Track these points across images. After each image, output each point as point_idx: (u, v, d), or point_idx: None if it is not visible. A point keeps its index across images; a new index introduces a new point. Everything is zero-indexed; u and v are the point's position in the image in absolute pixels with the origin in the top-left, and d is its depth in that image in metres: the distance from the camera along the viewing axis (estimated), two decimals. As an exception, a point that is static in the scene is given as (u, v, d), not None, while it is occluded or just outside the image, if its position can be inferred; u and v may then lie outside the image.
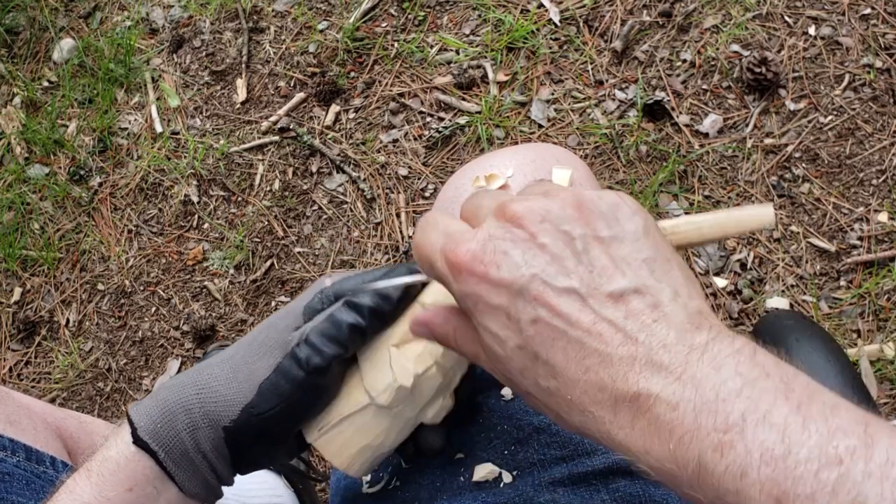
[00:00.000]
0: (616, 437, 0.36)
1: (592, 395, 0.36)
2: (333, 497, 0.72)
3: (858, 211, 1.24)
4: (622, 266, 0.37)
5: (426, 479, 0.65)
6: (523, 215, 0.39)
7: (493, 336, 0.39)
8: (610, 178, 1.32)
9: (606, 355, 0.36)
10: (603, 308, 0.37)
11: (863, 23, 1.33)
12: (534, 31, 1.41)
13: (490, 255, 0.39)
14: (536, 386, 0.39)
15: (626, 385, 0.35)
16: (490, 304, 0.39)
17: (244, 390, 0.47)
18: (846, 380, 1.05)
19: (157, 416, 0.48)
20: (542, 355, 0.38)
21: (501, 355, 0.40)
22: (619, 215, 0.39)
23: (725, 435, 0.32)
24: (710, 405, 0.32)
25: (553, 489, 0.60)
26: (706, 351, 0.34)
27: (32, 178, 1.51)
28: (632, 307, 0.36)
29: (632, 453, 0.35)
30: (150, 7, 1.60)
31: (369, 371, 0.50)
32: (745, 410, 0.32)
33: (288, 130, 1.45)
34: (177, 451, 0.47)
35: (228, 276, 1.39)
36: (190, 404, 0.48)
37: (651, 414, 0.34)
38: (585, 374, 0.36)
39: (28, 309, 1.44)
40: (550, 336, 0.37)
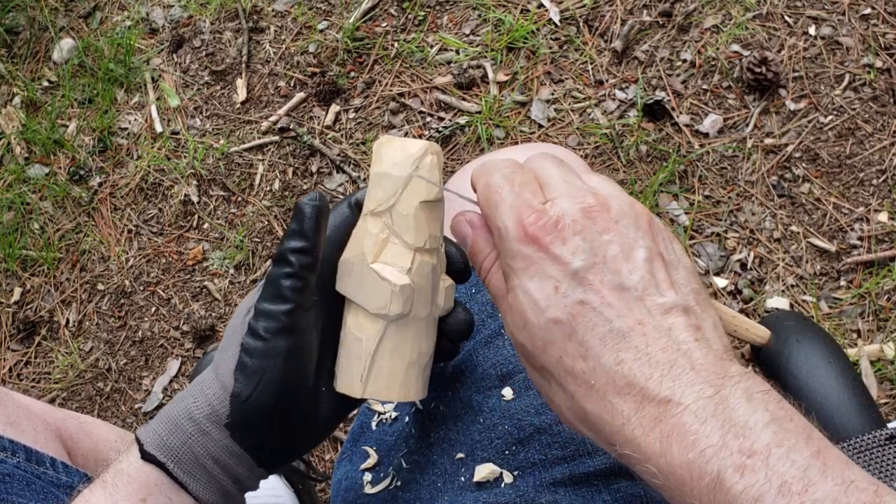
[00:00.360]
0: (630, 433, 0.36)
1: (619, 387, 0.37)
2: (334, 497, 0.72)
3: (859, 211, 1.24)
4: (675, 285, 0.40)
5: (427, 479, 0.65)
6: (601, 210, 0.41)
7: (531, 301, 0.41)
8: (610, 177, 1.31)
9: (645, 354, 0.37)
10: (652, 313, 0.39)
11: (863, 22, 1.33)
12: (534, 31, 1.41)
13: (560, 232, 0.41)
14: (558, 363, 0.40)
15: (660, 388, 0.36)
16: (542, 272, 0.40)
17: (226, 383, 0.47)
18: (847, 380, 1.05)
19: (163, 430, 0.47)
20: (579, 335, 0.39)
21: (534, 321, 0.40)
22: (676, 247, 0.42)
23: (749, 459, 0.33)
24: (738, 429, 0.34)
25: (554, 489, 0.60)
26: (739, 382, 0.36)
27: (32, 178, 1.51)
28: (678, 322, 0.38)
29: (641, 451, 0.36)
30: (150, 7, 1.60)
31: (367, 297, 0.49)
32: (771, 442, 0.33)
33: (288, 130, 1.45)
34: (186, 459, 0.47)
35: (228, 276, 1.39)
36: (191, 412, 0.47)
37: (677, 421, 0.35)
38: (618, 366, 0.37)
39: (28, 309, 1.44)
40: (594, 320, 0.39)
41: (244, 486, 0.50)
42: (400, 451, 0.68)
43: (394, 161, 0.49)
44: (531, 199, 0.43)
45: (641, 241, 0.41)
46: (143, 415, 1.34)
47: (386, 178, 0.49)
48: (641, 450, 0.36)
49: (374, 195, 0.50)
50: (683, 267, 0.41)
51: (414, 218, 0.49)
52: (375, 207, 0.49)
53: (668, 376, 0.36)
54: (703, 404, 0.35)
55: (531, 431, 0.63)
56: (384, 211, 0.49)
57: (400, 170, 0.49)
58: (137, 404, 1.35)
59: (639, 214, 0.42)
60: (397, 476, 0.67)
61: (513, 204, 0.43)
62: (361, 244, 0.49)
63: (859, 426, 0.99)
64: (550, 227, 0.41)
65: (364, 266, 0.49)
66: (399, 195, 0.49)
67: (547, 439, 0.63)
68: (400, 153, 0.49)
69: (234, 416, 0.47)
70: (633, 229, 0.41)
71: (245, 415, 0.47)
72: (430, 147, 0.49)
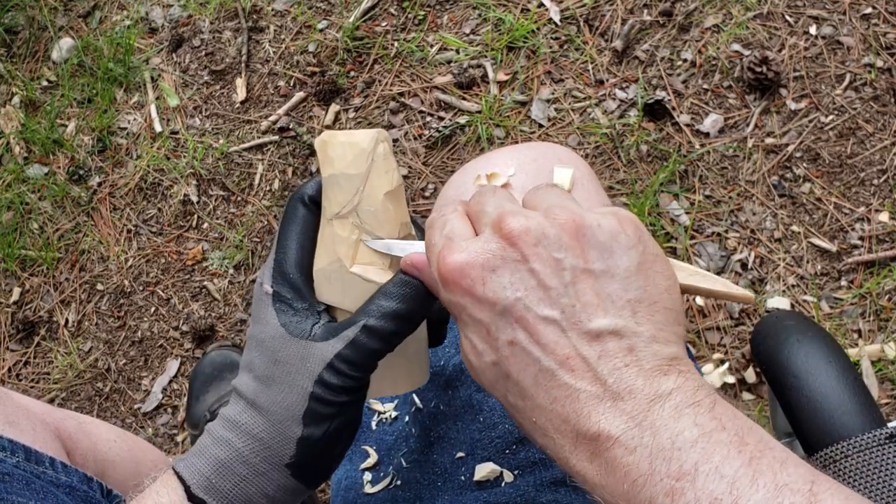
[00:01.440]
0: (574, 466, 0.37)
1: (556, 425, 0.38)
2: (334, 497, 0.72)
3: (859, 211, 1.24)
4: (606, 303, 0.38)
5: (427, 478, 0.65)
6: (519, 235, 0.39)
7: (471, 346, 0.41)
8: (610, 177, 1.31)
9: (574, 390, 0.37)
10: (579, 343, 0.38)
11: (864, 22, 1.33)
12: (534, 31, 1.41)
13: (478, 271, 0.39)
14: (505, 400, 0.41)
15: (588, 423, 0.36)
16: (472, 317, 0.40)
17: (287, 427, 0.47)
18: (847, 380, 1.04)
19: (211, 472, 0.47)
20: (513, 376, 0.39)
21: (476, 365, 0.41)
22: (616, 247, 0.39)
23: (678, 482, 0.33)
24: (665, 452, 0.34)
25: (554, 488, 0.60)
26: (668, 399, 0.36)
27: (31, 178, 1.51)
28: (607, 348, 0.37)
29: (588, 484, 0.37)
30: (150, 6, 1.60)
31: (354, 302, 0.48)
32: (699, 460, 0.33)
33: (288, 130, 1.45)
34: (238, 501, 0.47)
35: (228, 276, 1.38)
36: (245, 456, 0.47)
37: (609, 454, 0.35)
38: (552, 404, 0.38)
39: (27, 309, 1.44)
40: (524, 361, 0.38)
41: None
42: (400, 451, 0.68)
43: (346, 159, 0.48)
44: (455, 242, 0.42)
45: (565, 260, 0.38)
46: (143, 415, 1.34)
47: (343, 178, 0.48)
48: (587, 481, 0.37)
49: (334, 199, 0.48)
50: (622, 272, 0.38)
51: (382, 212, 0.48)
52: (340, 210, 0.48)
53: (596, 410, 0.36)
54: (630, 434, 0.35)
55: (532, 431, 0.63)
56: (349, 212, 0.48)
57: (355, 167, 0.47)
58: (137, 404, 1.35)
59: (559, 232, 0.39)
60: (397, 475, 0.67)
61: (439, 252, 0.42)
62: (335, 251, 0.48)
63: (860, 426, 0.99)
64: (467, 269, 0.40)
65: (344, 272, 0.48)
66: (361, 192, 0.48)
67: (547, 439, 0.62)
68: (350, 150, 0.48)
69: (301, 455, 0.47)
70: (555, 249, 0.39)
71: (311, 454, 0.47)
72: (377, 136, 0.48)
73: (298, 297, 0.48)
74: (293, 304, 0.48)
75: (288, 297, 0.48)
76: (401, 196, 0.49)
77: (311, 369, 0.46)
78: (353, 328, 0.46)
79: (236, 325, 1.36)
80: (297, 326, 0.47)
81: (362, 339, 0.46)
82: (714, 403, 0.36)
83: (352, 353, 0.46)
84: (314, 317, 0.48)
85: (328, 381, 0.46)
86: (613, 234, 0.39)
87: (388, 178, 0.48)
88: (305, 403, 0.46)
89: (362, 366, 0.46)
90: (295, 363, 0.47)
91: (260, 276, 0.50)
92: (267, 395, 0.47)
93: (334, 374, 0.46)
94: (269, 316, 0.48)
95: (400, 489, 0.66)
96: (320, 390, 0.46)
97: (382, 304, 0.46)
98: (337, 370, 0.46)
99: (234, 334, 1.36)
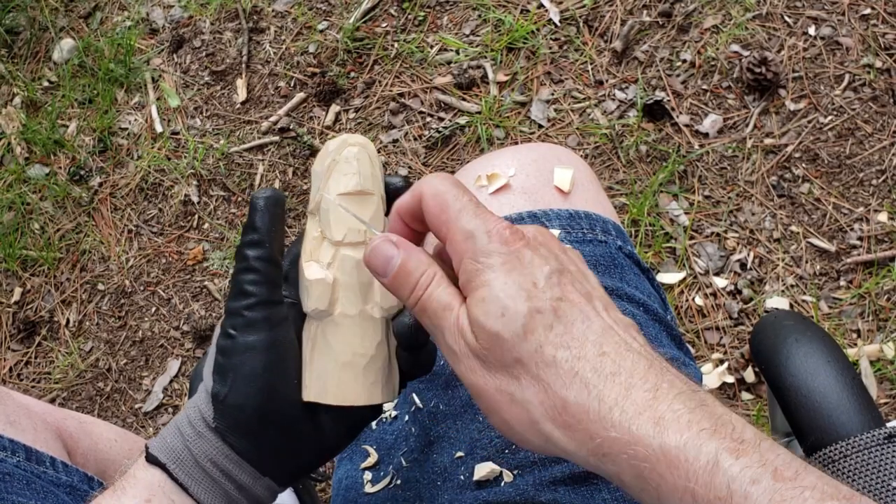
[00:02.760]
0: (619, 416, 0.36)
1: (605, 374, 0.38)
2: (334, 496, 0.72)
3: (858, 211, 1.24)
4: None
5: (427, 477, 0.65)
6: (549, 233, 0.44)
7: (511, 290, 0.40)
8: (610, 177, 1.32)
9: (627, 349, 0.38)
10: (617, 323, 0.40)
11: (863, 23, 1.33)
12: (534, 32, 1.41)
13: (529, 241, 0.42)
14: (537, 352, 0.39)
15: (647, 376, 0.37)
16: (520, 268, 0.40)
17: (207, 384, 0.47)
18: (846, 380, 1.05)
19: (167, 434, 0.48)
20: (561, 325, 0.39)
21: (513, 308, 0.39)
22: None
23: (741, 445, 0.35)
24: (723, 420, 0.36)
25: (554, 488, 0.60)
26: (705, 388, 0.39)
27: (32, 178, 1.51)
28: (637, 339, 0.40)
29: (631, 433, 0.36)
30: (150, 7, 1.60)
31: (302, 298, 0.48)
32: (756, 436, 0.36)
33: (288, 130, 1.45)
34: (187, 461, 0.47)
35: (228, 276, 1.39)
36: (190, 417, 0.48)
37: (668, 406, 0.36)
38: (602, 356, 0.38)
39: (28, 309, 1.44)
40: (573, 316, 0.40)
41: (251, 494, 0.48)
42: (400, 450, 0.68)
43: (319, 158, 0.49)
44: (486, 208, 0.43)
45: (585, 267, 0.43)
46: (144, 415, 1.34)
47: (315, 175, 0.49)
48: (631, 432, 0.36)
49: (311, 195, 0.50)
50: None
51: (332, 212, 0.48)
52: (311, 207, 0.49)
53: (651, 370, 0.37)
54: (688, 395, 0.36)
55: (531, 430, 0.63)
56: (315, 209, 0.49)
57: (320, 164, 0.49)
58: (137, 404, 1.35)
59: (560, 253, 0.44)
60: (397, 475, 0.67)
61: (476, 212, 0.42)
62: (304, 245, 0.49)
63: (858, 426, 0.99)
64: (520, 235, 0.42)
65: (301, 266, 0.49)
66: (320, 190, 0.48)
67: (547, 438, 0.62)
68: (324, 149, 0.49)
69: (219, 418, 0.46)
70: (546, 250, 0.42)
71: (229, 416, 0.46)
72: (349, 139, 0.48)
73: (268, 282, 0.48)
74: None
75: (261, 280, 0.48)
76: (364, 203, 0.48)
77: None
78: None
79: (237, 326, 1.36)
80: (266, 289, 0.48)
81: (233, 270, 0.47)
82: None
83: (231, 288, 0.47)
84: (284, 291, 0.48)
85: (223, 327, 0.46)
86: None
87: (346, 179, 0.48)
88: (214, 353, 0.47)
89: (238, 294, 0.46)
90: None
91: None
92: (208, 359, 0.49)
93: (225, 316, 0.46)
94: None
95: (400, 488, 0.66)
96: (220, 339, 0.46)
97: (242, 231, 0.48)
98: (226, 311, 0.46)
99: (234, 334, 1.36)
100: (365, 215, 0.48)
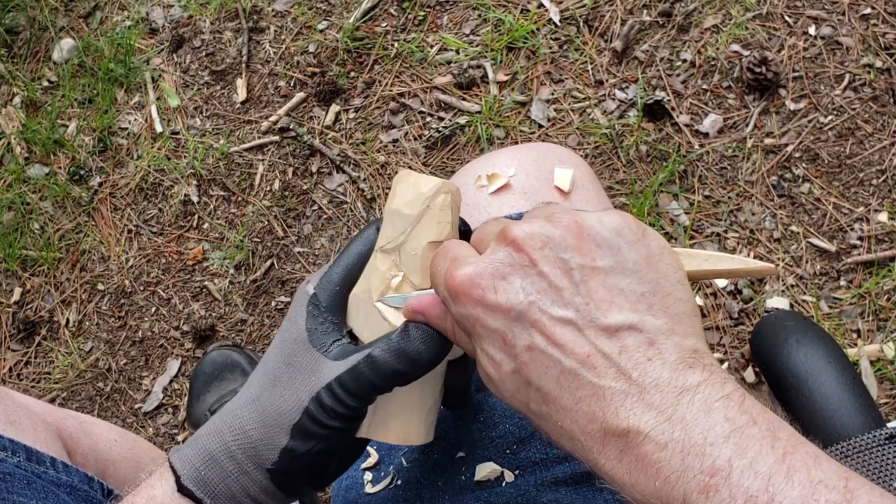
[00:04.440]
0: (603, 467, 0.36)
1: (583, 426, 0.37)
2: (335, 497, 0.72)
3: (858, 211, 1.24)
4: (619, 299, 0.38)
5: (427, 478, 0.65)
6: (524, 240, 0.39)
7: (489, 358, 0.40)
8: (610, 177, 1.32)
9: (599, 388, 0.36)
10: (598, 340, 0.37)
11: (863, 22, 1.33)
12: (534, 31, 1.41)
13: (488, 280, 0.39)
14: (528, 409, 0.40)
15: (617, 420, 0.35)
16: (487, 328, 0.40)
17: (276, 433, 0.47)
18: (846, 380, 1.05)
19: (201, 464, 0.48)
20: (534, 382, 0.38)
21: (495, 377, 0.40)
22: (621, 243, 0.39)
23: (712, 479, 0.32)
24: (697, 448, 0.33)
25: (555, 488, 0.60)
26: (697, 393, 0.35)
27: (32, 178, 1.51)
28: (626, 343, 0.37)
29: (617, 484, 0.36)
30: (150, 7, 1.60)
31: (371, 336, 0.48)
32: (732, 456, 0.33)
33: (288, 130, 1.45)
34: (223, 496, 0.47)
35: (228, 276, 1.39)
36: (232, 451, 0.47)
37: (639, 451, 0.35)
38: (577, 404, 0.37)
39: (28, 309, 1.44)
40: (544, 364, 0.38)
41: None
42: (400, 450, 0.68)
43: (405, 199, 0.48)
44: (460, 260, 0.42)
45: (571, 260, 0.38)
46: (144, 415, 1.34)
47: (397, 215, 0.48)
48: (616, 482, 0.36)
49: (385, 232, 0.49)
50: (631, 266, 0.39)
51: (421, 259, 0.48)
52: (385, 244, 0.49)
53: (623, 406, 0.35)
54: (661, 429, 0.34)
55: (532, 430, 0.63)
56: (393, 249, 0.48)
57: (410, 208, 0.48)
58: (137, 404, 1.35)
59: (563, 233, 0.39)
60: (398, 475, 0.67)
61: (445, 271, 0.42)
62: (370, 280, 0.49)
63: (859, 426, 0.99)
64: (477, 279, 0.40)
65: (369, 303, 0.48)
66: (408, 234, 0.48)
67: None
68: (412, 191, 0.48)
69: (281, 464, 0.47)
70: (561, 250, 0.39)
71: (292, 465, 0.47)
72: (443, 186, 0.48)
73: (332, 308, 0.48)
74: (324, 313, 0.48)
75: (323, 305, 0.48)
76: None
77: (314, 384, 0.46)
78: (358, 355, 0.46)
79: (237, 325, 1.36)
80: (319, 336, 0.47)
81: (362, 368, 0.45)
82: (743, 398, 0.35)
83: (350, 380, 0.45)
84: (338, 333, 0.48)
85: (323, 402, 0.46)
86: (617, 231, 0.39)
87: (439, 228, 0.48)
88: (298, 416, 0.46)
89: (357, 395, 0.46)
90: (303, 373, 0.47)
91: (309, 276, 0.51)
92: (269, 395, 0.47)
93: (330, 396, 0.46)
94: (299, 316, 0.48)
95: (400, 489, 0.66)
96: (314, 408, 0.46)
97: (392, 339, 0.46)
98: (333, 393, 0.46)
99: (234, 334, 1.36)
100: None
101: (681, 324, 0.38)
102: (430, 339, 0.46)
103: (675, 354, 0.36)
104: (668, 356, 0.36)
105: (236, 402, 0.49)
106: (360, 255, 0.50)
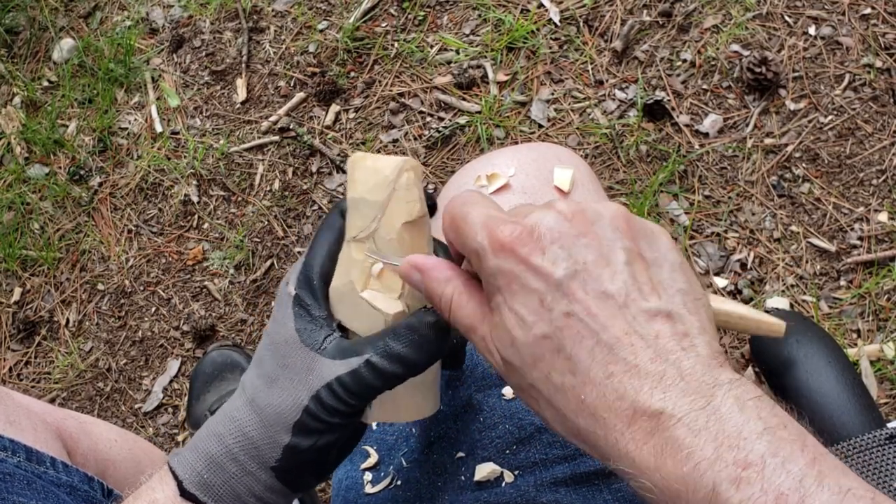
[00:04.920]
0: (625, 447, 0.36)
1: (610, 401, 0.36)
2: (335, 497, 0.72)
3: (858, 211, 1.24)
4: (659, 288, 0.38)
5: (427, 478, 0.65)
6: (575, 214, 0.40)
7: (517, 318, 0.39)
8: (610, 177, 1.32)
9: (634, 366, 0.36)
10: (636, 321, 0.37)
11: (863, 22, 1.33)
12: (534, 31, 1.41)
13: (537, 241, 0.39)
14: (546, 380, 0.39)
15: (651, 400, 0.35)
16: (526, 286, 0.39)
17: (277, 432, 0.47)
18: (847, 380, 1.05)
19: (203, 468, 0.48)
20: (566, 349, 0.38)
21: (520, 339, 0.39)
22: (661, 243, 0.40)
23: (744, 471, 0.32)
24: (731, 440, 0.33)
25: (555, 489, 0.60)
26: (731, 389, 0.35)
27: (32, 178, 1.51)
28: (662, 330, 0.37)
29: (636, 466, 0.35)
30: (150, 7, 1.60)
31: (362, 326, 0.48)
32: (766, 453, 0.33)
33: (288, 130, 1.45)
34: (227, 498, 0.47)
35: (228, 276, 1.39)
36: (234, 453, 0.47)
37: (670, 434, 0.34)
38: (608, 379, 0.36)
39: (28, 309, 1.44)
40: (581, 333, 0.37)
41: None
42: (400, 451, 0.68)
43: (368, 185, 0.47)
44: (502, 216, 0.42)
45: (620, 242, 0.39)
46: (143, 415, 1.34)
47: (362, 202, 0.47)
48: (636, 465, 0.35)
49: (353, 222, 0.48)
50: (669, 265, 0.39)
51: (398, 241, 0.47)
52: (357, 234, 0.48)
53: (658, 388, 0.35)
54: (695, 416, 0.34)
55: (532, 431, 0.63)
56: (367, 237, 0.48)
57: (375, 194, 0.47)
58: (137, 404, 1.35)
59: (614, 214, 0.40)
60: (397, 475, 0.67)
61: (484, 222, 0.41)
62: (349, 272, 0.48)
63: (859, 426, 0.99)
64: (526, 237, 0.39)
65: (354, 295, 0.48)
66: (379, 220, 0.47)
67: (547, 438, 0.63)
68: (373, 176, 0.47)
69: (284, 461, 0.47)
70: (610, 230, 0.39)
71: (296, 462, 0.48)
72: (404, 164, 0.47)
73: (318, 305, 0.48)
74: (311, 311, 0.48)
75: (308, 304, 0.48)
76: (422, 227, 0.49)
77: (312, 383, 0.46)
78: (358, 358, 0.46)
79: (237, 325, 1.36)
80: (310, 335, 0.47)
81: (364, 373, 0.45)
82: (773, 403, 0.35)
83: (351, 382, 0.46)
84: (328, 329, 0.48)
85: (324, 400, 0.46)
86: (655, 231, 0.41)
87: (409, 208, 0.47)
88: (298, 414, 0.46)
89: (359, 395, 0.46)
90: (299, 372, 0.47)
91: (287, 276, 0.50)
92: (266, 396, 0.47)
93: (331, 395, 0.46)
94: (286, 318, 0.48)
95: (400, 489, 0.66)
96: (314, 406, 0.46)
97: (390, 345, 0.46)
98: (334, 392, 0.46)
99: (234, 334, 1.36)
100: (421, 237, 0.48)
101: (710, 327, 0.39)
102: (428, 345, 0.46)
103: (707, 350, 0.37)
104: (701, 350, 0.37)
105: (232, 404, 0.49)
106: (331, 244, 0.49)
